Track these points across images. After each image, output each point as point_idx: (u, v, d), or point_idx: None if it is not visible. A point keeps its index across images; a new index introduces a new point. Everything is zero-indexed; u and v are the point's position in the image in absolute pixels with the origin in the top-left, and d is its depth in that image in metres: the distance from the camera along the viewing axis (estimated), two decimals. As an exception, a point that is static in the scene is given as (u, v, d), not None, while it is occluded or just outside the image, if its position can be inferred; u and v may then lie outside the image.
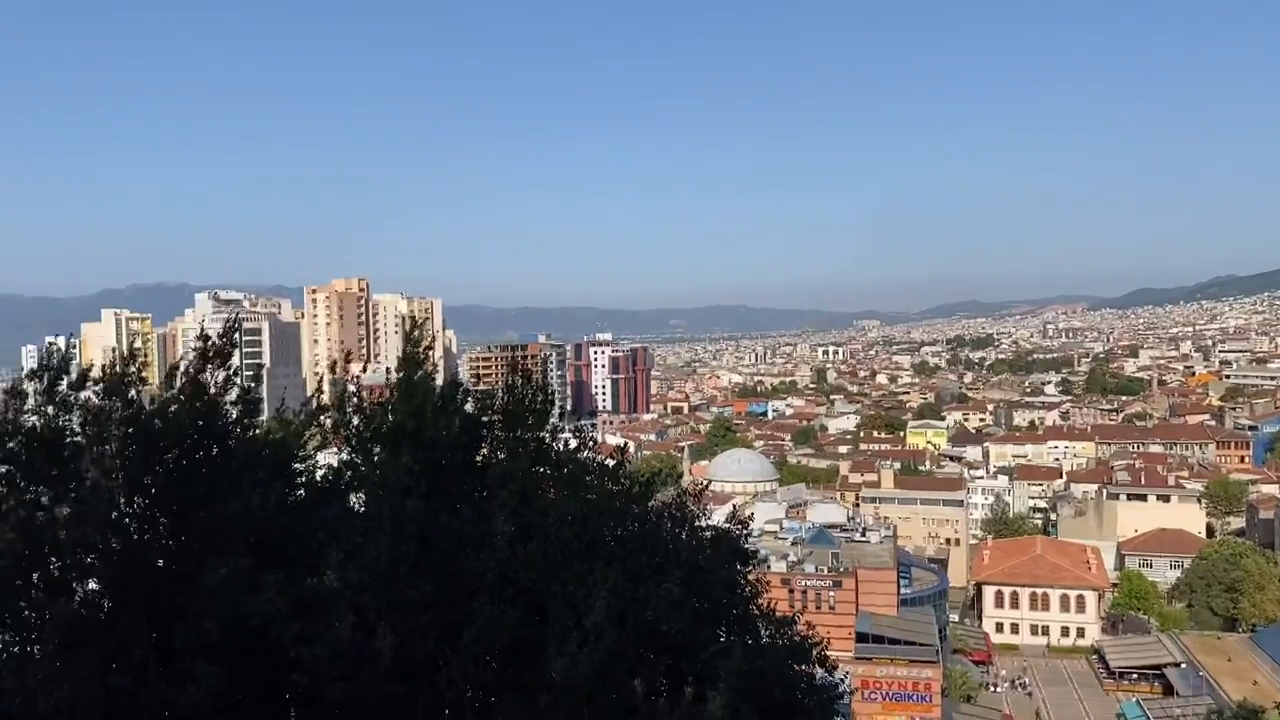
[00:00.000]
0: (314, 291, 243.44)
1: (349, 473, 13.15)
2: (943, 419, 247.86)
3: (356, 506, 12.73)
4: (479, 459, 13.65)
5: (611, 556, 11.23)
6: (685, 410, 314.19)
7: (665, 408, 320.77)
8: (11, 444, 10.85)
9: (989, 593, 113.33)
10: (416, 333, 14.26)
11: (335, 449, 13.98)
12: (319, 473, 13.19)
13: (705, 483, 17.42)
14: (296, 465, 13.04)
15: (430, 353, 14.26)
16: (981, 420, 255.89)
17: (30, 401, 11.18)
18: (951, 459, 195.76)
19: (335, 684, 9.55)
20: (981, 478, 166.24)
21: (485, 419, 14.00)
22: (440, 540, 10.98)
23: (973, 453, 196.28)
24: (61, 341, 12.48)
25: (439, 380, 14.09)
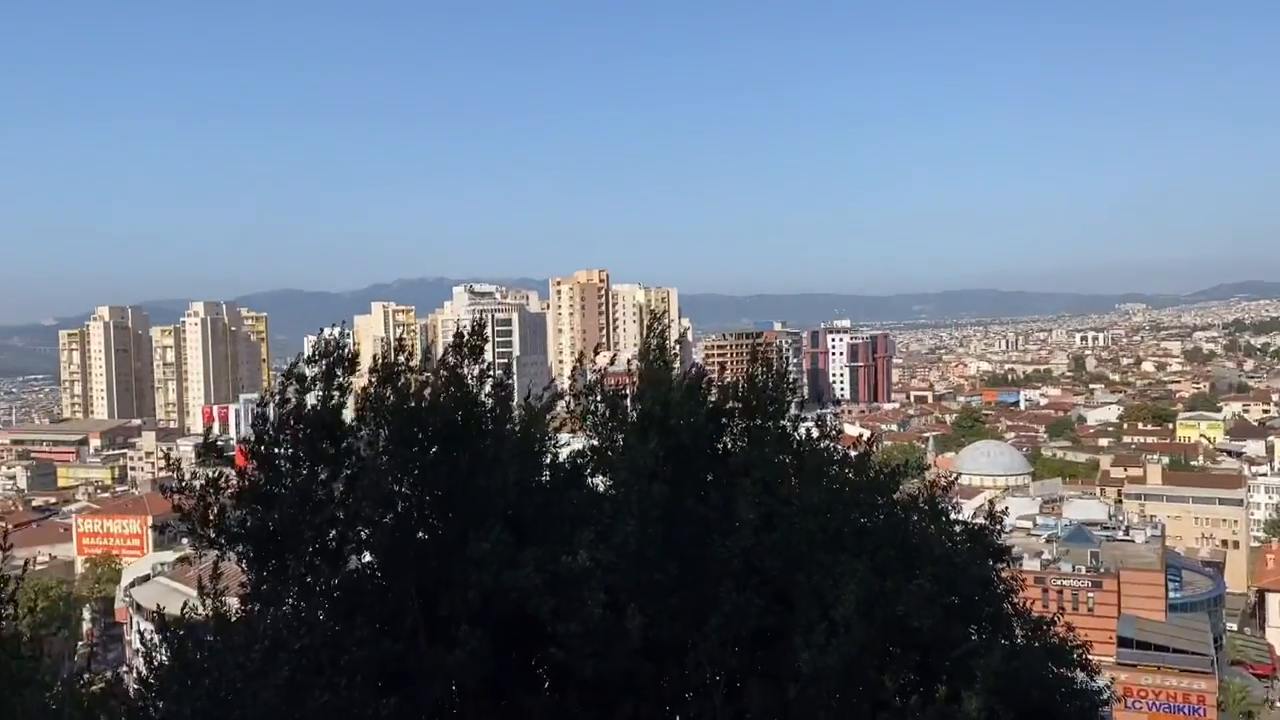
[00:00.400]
0: (558, 283, 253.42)
1: (593, 456, 13.59)
2: (1218, 410, 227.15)
3: (603, 489, 13.12)
4: (721, 446, 13.75)
5: (858, 548, 10.97)
6: (929, 400, 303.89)
7: (908, 397, 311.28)
8: (294, 425, 11.91)
9: (1274, 601, 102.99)
10: (657, 323, 14.53)
11: (577, 433, 14.46)
12: (563, 456, 13.68)
13: (953, 475, 16.70)
14: (544, 448, 13.59)
15: (675, 343, 14.49)
16: (1265, 412, 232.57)
17: (309, 386, 12.23)
18: (1229, 454, 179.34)
19: (588, 660, 9.87)
20: (1265, 475, 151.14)
21: (726, 407, 14.06)
22: (685, 525, 11.10)
23: (1254, 447, 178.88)
24: (335, 332, 13.58)
25: (678, 368, 14.30)
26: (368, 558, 11.75)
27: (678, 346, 17.71)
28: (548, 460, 13.45)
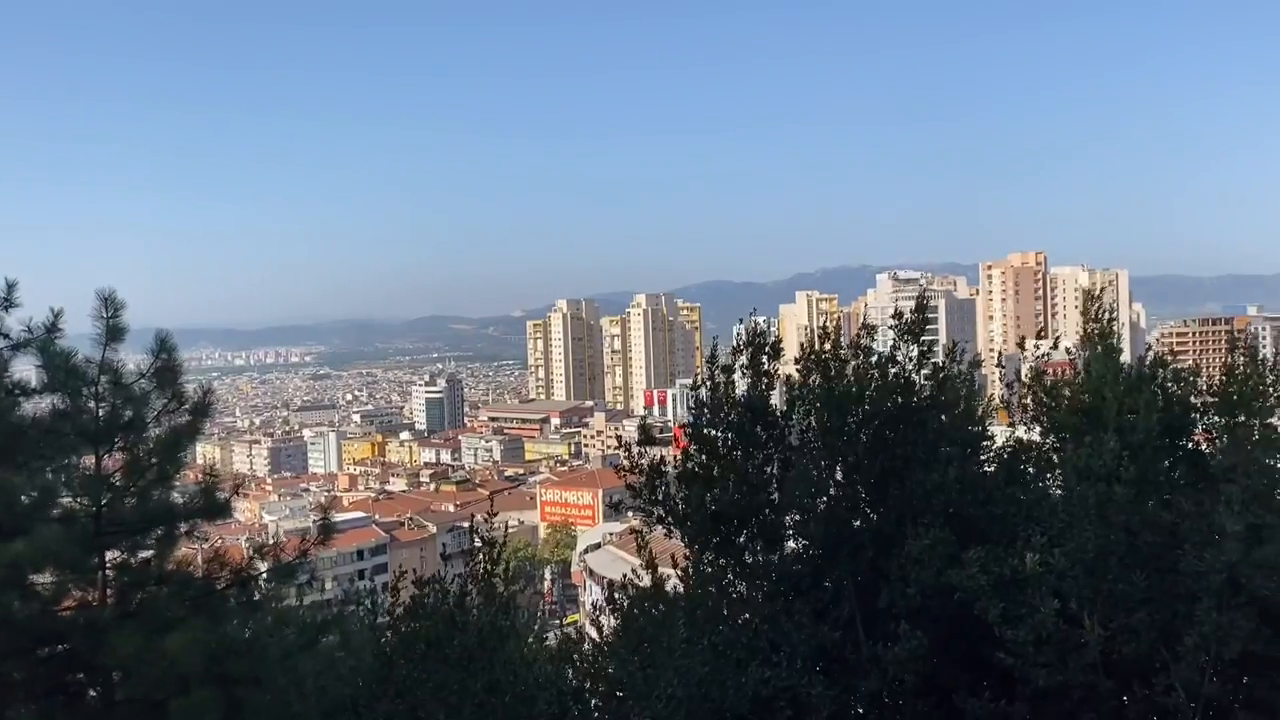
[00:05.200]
0: (989, 267, 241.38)
1: (1034, 451, 12.78)
2: None
3: (1049, 489, 12.29)
4: (1187, 446, 12.35)
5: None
6: None
7: None
8: (727, 410, 12.36)
9: None
10: (1093, 303, 13.31)
11: (1006, 426, 13.66)
12: (995, 449, 12.99)
13: None
14: (985, 441, 12.98)
15: (1114, 327, 13.24)
16: None
17: (733, 372, 12.61)
18: None
19: (1038, 669, 9.32)
20: None
21: (1192, 401, 12.59)
22: (1148, 533, 10.07)
23: None
24: (762, 320, 13.95)
25: (1125, 358, 13.03)
26: (803, 543, 11.94)
27: (1126, 333, 16.18)
28: (986, 455, 12.85)
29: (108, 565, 8.89)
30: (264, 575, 9.61)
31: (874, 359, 12.31)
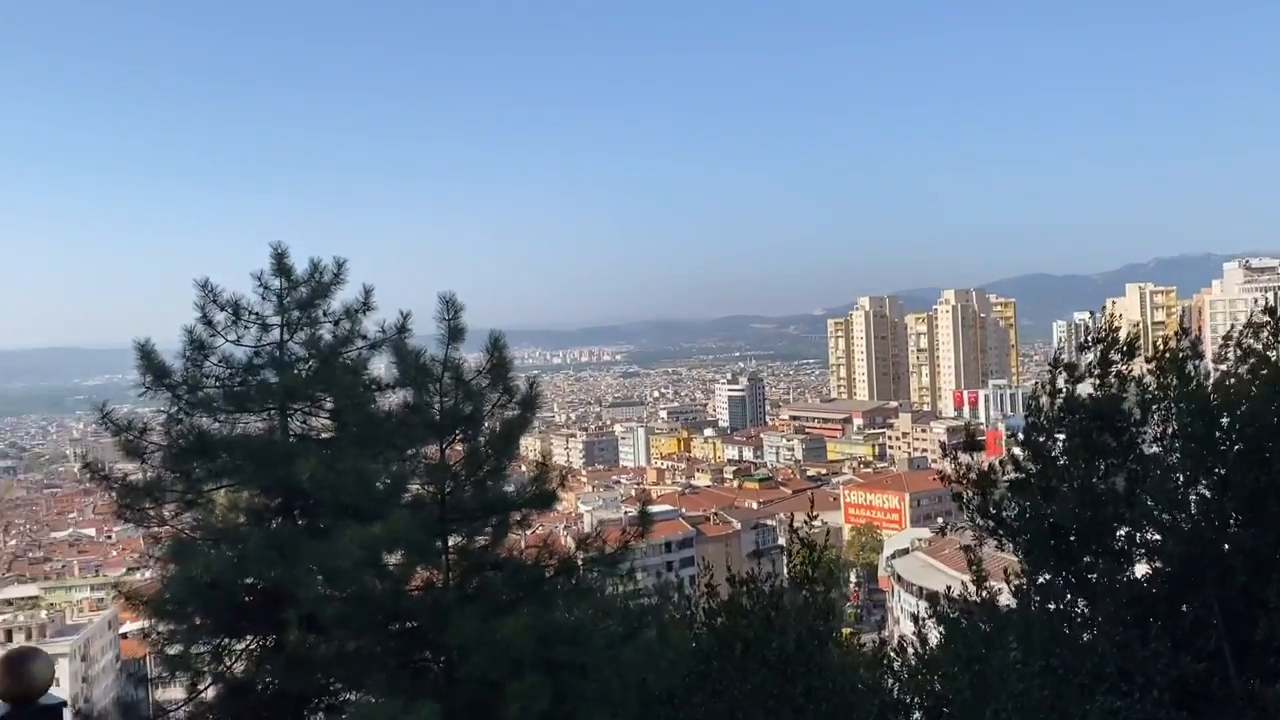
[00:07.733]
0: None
1: None
2: None
3: None
4: None
5: None
6: None
7: None
8: (1070, 415, 11.35)
9: None
10: None
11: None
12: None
13: None
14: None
15: None
16: None
17: (1082, 375, 11.56)
18: None
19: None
20: None
21: None
22: None
23: None
24: (1086, 316, 12.74)
25: None
26: (1158, 564, 10.76)
27: None
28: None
29: (450, 550, 9.50)
30: (588, 564, 9.92)
31: (1250, 358, 10.91)
